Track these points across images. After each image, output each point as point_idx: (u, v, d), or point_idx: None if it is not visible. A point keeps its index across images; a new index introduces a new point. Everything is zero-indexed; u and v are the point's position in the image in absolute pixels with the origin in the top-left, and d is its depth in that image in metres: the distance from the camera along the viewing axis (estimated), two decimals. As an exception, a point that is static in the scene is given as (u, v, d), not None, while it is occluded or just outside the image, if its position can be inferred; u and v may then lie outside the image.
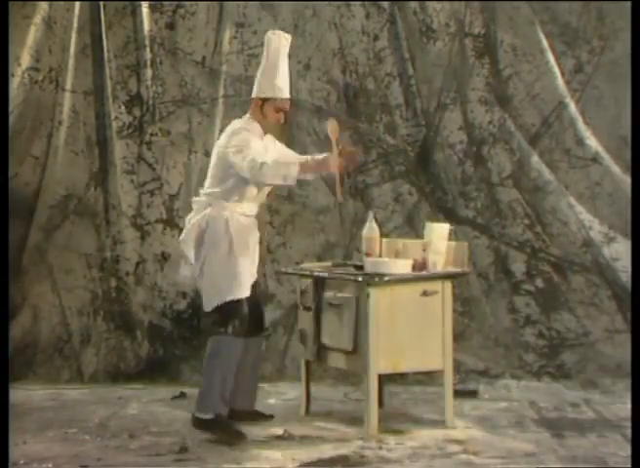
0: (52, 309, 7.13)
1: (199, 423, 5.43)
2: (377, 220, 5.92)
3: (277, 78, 5.55)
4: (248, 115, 5.62)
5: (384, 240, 5.99)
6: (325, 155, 5.61)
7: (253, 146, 5.39)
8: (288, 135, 7.12)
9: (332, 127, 5.51)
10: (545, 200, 7.02)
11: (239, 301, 5.45)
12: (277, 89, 5.55)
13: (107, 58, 7.15)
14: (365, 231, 5.82)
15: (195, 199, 5.64)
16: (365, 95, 7.15)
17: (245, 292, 5.47)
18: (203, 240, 5.47)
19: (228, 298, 5.42)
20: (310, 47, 7.14)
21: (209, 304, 5.48)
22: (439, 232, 5.67)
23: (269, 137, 5.65)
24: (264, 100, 5.54)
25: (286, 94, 5.59)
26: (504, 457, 5.03)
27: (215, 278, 5.44)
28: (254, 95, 5.61)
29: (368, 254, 5.75)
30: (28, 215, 7.14)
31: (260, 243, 5.70)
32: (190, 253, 5.52)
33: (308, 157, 5.74)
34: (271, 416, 5.78)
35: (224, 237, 5.45)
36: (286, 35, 5.64)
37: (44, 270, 7.14)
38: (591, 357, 6.83)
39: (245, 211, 5.54)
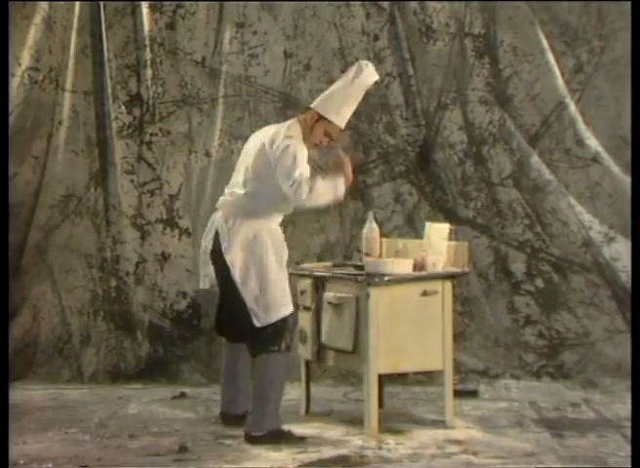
0: (52, 309, 7.13)
1: (254, 440, 5.29)
2: (377, 220, 5.93)
3: (347, 107, 5.44)
4: (295, 121, 5.43)
5: (384, 240, 5.99)
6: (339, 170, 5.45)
7: (300, 166, 5.17)
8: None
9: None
10: (545, 200, 7.02)
11: (291, 315, 5.41)
12: (341, 117, 5.43)
13: (107, 58, 7.15)
14: (365, 231, 5.82)
15: (225, 200, 5.46)
16: (365, 95, 7.13)
17: (292, 307, 5.43)
18: (252, 251, 5.31)
19: (286, 313, 5.35)
20: (310, 47, 7.14)
21: (265, 320, 5.30)
22: (439, 232, 5.68)
23: (305, 152, 5.41)
24: (321, 118, 5.41)
25: (344, 124, 5.49)
26: (504, 457, 5.03)
27: (269, 292, 5.31)
28: (317, 108, 5.44)
29: (367, 254, 5.76)
30: (28, 215, 7.14)
31: None
32: (235, 262, 5.32)
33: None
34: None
35: (275, 250, 5.35)
36: (376, 74, 5.52)
37: (44, 270, 7.14)
38: (591, 357, 6.83)
39: (278, 222, 5.50)
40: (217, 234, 5.43)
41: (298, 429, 5.51)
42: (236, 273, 5.32)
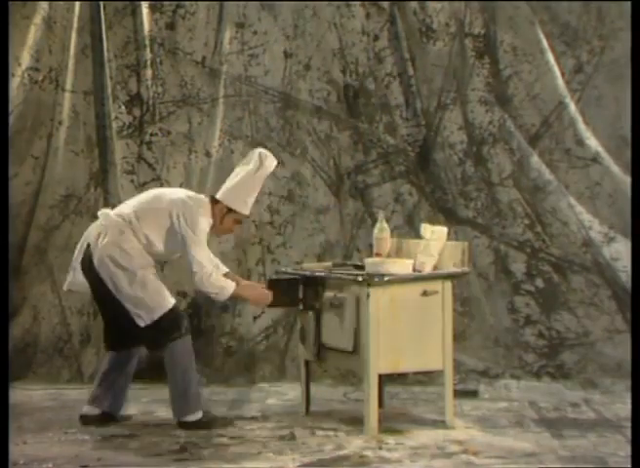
0: (52, 309, 7.13)
1: (189, 425, 5.53)
2: (387, 221, 5.94)
3: (252, 197, 5.65)
4: (207, 204, 5.63)
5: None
6: (248, 283, 5.83)
7: (205, 248, 5.52)
8: (288, 135, 7.14)
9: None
10: (545, 200, 7.02)
11: (175, 305, 5.61)
12: (248, 206, 5.66)
13: (107, 57, 7.15)
14: (376, 231, 5.83)
15: (107, 214, 5.65)
16: (365, 95, 7.15)
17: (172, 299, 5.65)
18: (117, 262, 5.52)
19: (170, 306, 5.55)
20: (310, 47, 7.14)
21: (150, 317, 5.52)
22: (435, 234, 5.67)
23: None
24: (229, 210, 5.63)
25: (248, 211, 5.70)
26: (504, 457, 5.03)
27: (149, 292, 5.52)
28: (223, 200, 5.61)
29: (378, 254, 5.76)
30: (28, 215, 7.14)
31: None
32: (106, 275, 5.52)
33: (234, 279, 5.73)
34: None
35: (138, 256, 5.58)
36: (275, 160, 5.70)
37: (44, 270, 7.14)
38: (591, 357, 6.83)
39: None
40: (88, 246, 5.62)
41: (298, 429, 5.51)
42: (109, 284, 5.52)
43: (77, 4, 7.16)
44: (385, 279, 5.40)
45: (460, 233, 6.90)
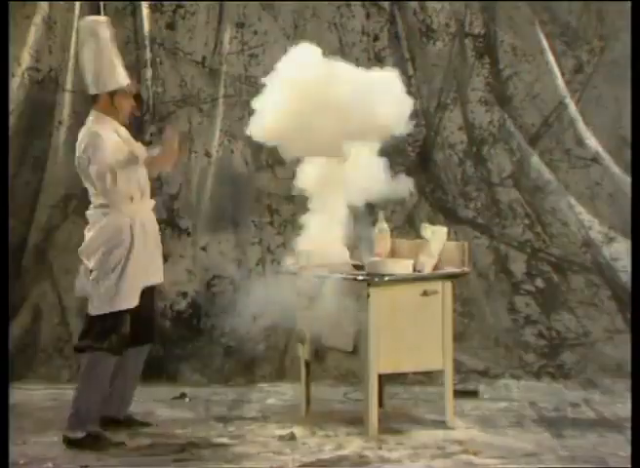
0: (52, 309, 7.12)
1: (71, 443, 5.25)
2: (387, 221, 5.93)
3: (118, 67, 5.41)
4: (95, 112, 5.43)
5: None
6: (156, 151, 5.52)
7: (102, 154, 5.25)
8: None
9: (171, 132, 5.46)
10: (545, 200, 7.02)
11: (121, 314, 5.27)
12: (122, 77, 5.43)
13: (108, 57, 7.14)
14: (376, 231, 5.83)
15: (89, 213, 5.51)
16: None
17: (132, 303, 5.30)
18: (101, 247, 5.30)
19: (114, 309, 5.25)
20: (310, 47, 7.13)
21: (98, 309, 5.26)
22: (435, 234, 5.67)
23: (124, 130, 5.49)
24: (113, 93, 5.38)
25: (127, 78, 5.45)
26: (504, 457, 5.03)
27: (105, 285, 5.25)
28: (97, 91, 5.39)
29: (378, 254, 5.76)
30: (28, 215, 7.14)
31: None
32: (91, 262, 5.31)
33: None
34: (148, 424, 5.70)
35: (121, 243, 5.31)
36: (102, 18, 5.47)
37: (44, 270, 7.13)
38: (591, 357, 6.83)
39: (143, 209, 5.45)
40: None
41: (298, 429, 5.51)
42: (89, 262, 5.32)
43: (77, 4, 7.16)
44: (385, 279, 5.41)
45: (460, 233, 6.90)
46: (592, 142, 7.00)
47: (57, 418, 5.89)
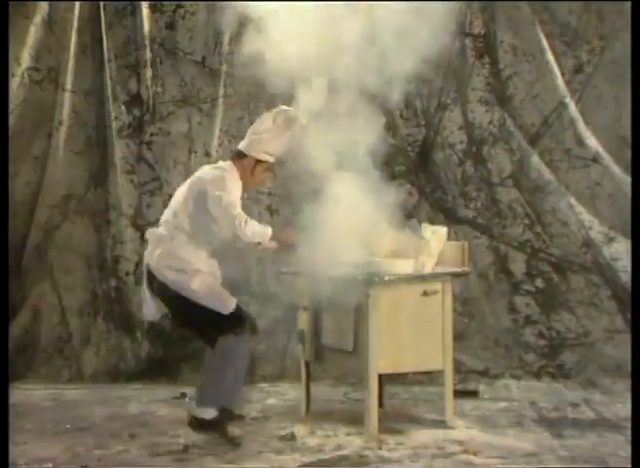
0: (52, 309, 7.13)
1: (201, 424, 5.39)
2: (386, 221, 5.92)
3: (278, 147, 5.57)
4: (230, 164, 5.57)
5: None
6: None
7: (235, 201, 5.40)
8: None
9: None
10: (545, 200, 7.02)
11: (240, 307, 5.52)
12: (272, 155, 5.58)
13: (107, 57, 7.15)
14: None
15: (155, 231, 5.59)
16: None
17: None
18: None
19: (234, 304, 5.47)
20: (310, 47, 7.13)
21: (228, 307, 5.43)
22: (435, 234, 5.67)
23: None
24: (258, 162, 5.56)
25: (274, 158, 5.62)
26: (504, 457, 5.03)
27: (214, 291, 5.45)
28: (249, 153, 5.54)
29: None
30: (28, 215, 7.14)
31: None
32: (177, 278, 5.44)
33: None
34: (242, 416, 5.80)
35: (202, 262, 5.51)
36: (303, 121, 5.62)
37: (44, 270, 7.14)
38: (591, 357, 6.83)
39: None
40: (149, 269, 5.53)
41: (298, 429, 5.51)
42: (180, 291, 5.42)
43: (77, 4, 7.16)
44: (385, 279, 5.41)
45: (460, 233, 6.90)
46: (592, 142, 7.00)
47: (56, 418, 5.90)
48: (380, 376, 5.56)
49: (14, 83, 7.08)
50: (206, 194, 5.42)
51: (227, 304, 5.44)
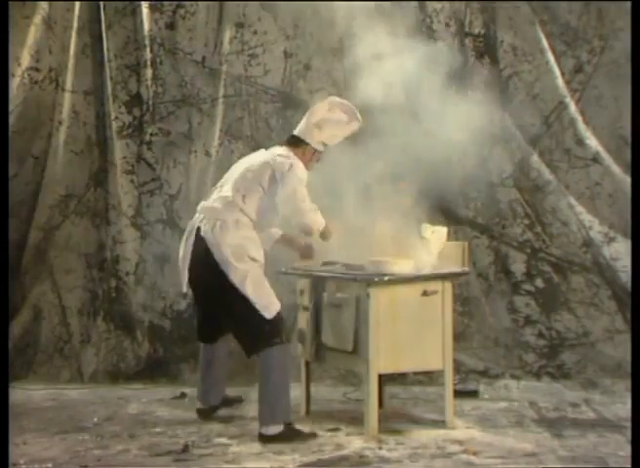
0: (52, 309, 7.13)
1: (269, 439, 5.33)
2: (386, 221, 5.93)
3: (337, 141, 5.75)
4: (290, 151, 5.63)
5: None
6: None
7: (306, 193, 5.50)
8: (288, 135, 7.13)
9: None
10: (545, 200, 7.02)
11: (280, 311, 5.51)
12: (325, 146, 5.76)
13: (107, 57, 7.15)
14: (376, 231, 5.82)
15: (210, 205, 5.60)
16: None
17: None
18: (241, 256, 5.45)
19: (278, 307, 5.46)
20: (310, 47, 7.13)
21: (270, 312, 5.42)
22: (435, 234, 5.67)
23: None
24: (316, 151, 5.71)
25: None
26: (504, 457, 5.03)
27: (264, 287, 5.46)
28: (313, 144, 5.67)
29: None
30: (28, 215, 7.14)
31: None
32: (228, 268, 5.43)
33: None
34: (240, 397, 6.03)
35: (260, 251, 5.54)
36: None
37: (44, 270, 7.14)
38: (591, 357, 6.83)
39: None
40: (199, 239, 5.51)
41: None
42: (232, 277, 5.40)
43: (77, 4, 7.17)
44: (385, 279, 5.41)
45: (460, 233, 6.90)
46: (592, 142, 7.00)
47: (56, 418, 5.90)
48: (380, 376, 5.56)
49: (14, 83, 7.08)
50: (278, 183, 5.47)
51: (272, 308, 5.42)
